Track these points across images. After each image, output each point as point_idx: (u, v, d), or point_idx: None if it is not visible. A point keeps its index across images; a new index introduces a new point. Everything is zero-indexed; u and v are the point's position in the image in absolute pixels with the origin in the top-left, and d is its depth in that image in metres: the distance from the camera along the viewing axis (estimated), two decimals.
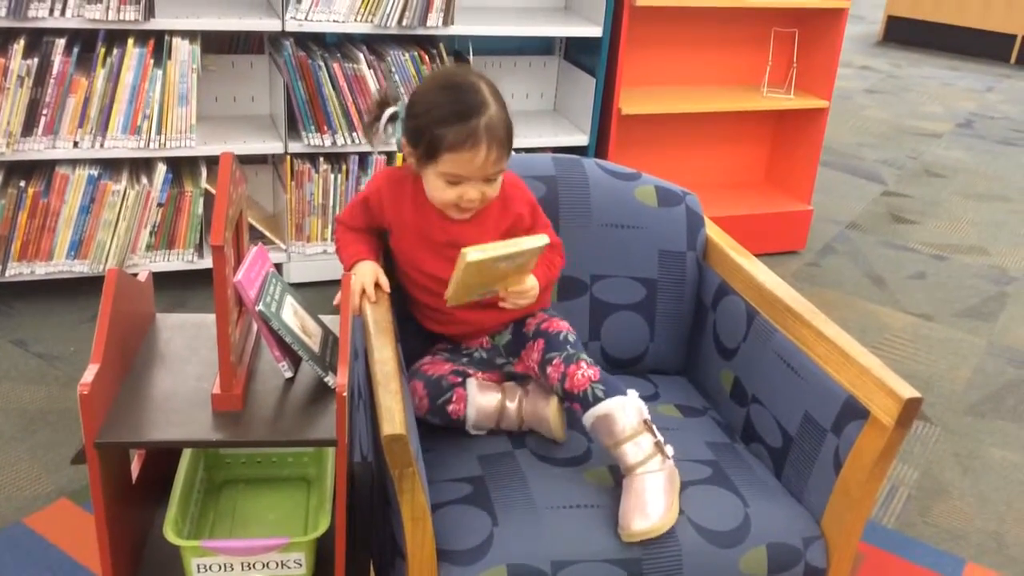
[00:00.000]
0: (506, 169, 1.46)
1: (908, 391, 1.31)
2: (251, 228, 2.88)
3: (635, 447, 1.36)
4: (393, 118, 1.48)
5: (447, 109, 1.38)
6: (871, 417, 1.36)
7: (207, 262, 2.77)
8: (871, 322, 3.00)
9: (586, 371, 1.42)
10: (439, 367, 1.52)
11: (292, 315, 1.29)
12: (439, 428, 1.51)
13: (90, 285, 2.68)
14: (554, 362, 1.45)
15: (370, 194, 1.53)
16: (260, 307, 1.22)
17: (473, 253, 1.32)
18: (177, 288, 2.75)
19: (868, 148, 4.81)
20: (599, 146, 3.08)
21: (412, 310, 1.61)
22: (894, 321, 3.03)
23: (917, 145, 4.94)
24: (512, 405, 1.49)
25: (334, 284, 2.83)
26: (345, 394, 1.17)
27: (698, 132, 3.42)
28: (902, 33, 7.41)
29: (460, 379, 1.50)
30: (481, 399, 1.48)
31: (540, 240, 1.41)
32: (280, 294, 1.29)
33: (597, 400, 1.39)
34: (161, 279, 1.37)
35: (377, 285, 1.47)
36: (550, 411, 1.47)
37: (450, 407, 1.46)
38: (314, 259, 2.88)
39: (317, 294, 2.82)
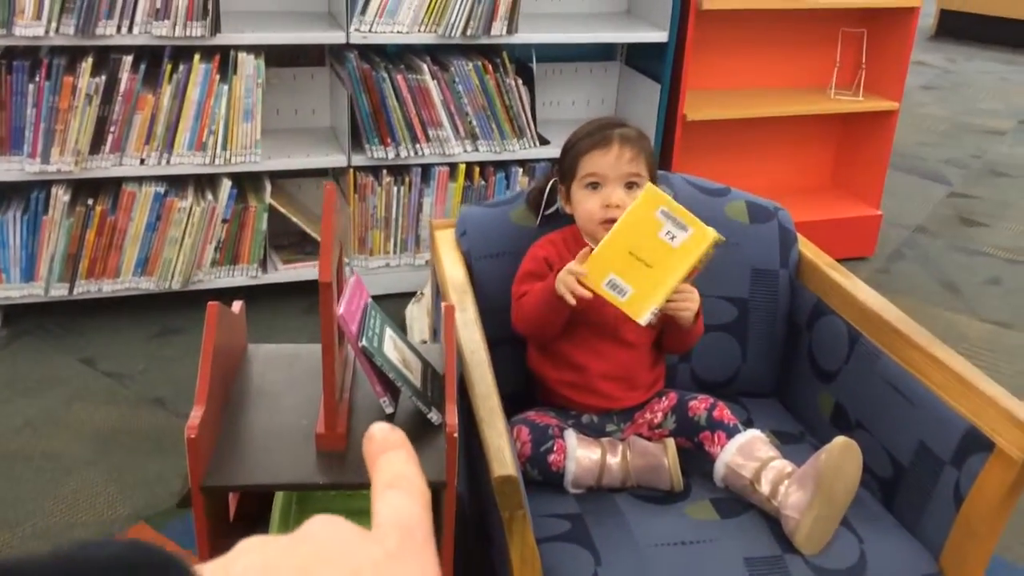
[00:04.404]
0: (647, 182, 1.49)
1: None
2: (313, 241, 2.86)
3: (781, 461, 1.40)
4: (554, 187, 1.59)
5: (586, 132, 1.52)
6: (996, 449, 1.29)
7: (270, 276, 2.74)
8: (948, 331, 2.90)
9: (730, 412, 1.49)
10: (545, 418, 1.48)
11: (392, 348, 1.25)
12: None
13: (156, 302, 2.67)
14: (699, 397, 1.50)
15: (535, 262, 1.55)
16: (363, 343, 1.18)
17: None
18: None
19: (930, 147, 4.68)
20: (663, 153, 3.02)
21: (552, 382, 1.56)
22: (971, 330, 2.93)
23: (980, 143, 4.80)
24: (615, 460, 1.43)
25: (397, 297, 2.82)
26: (456, 435, 1.12)
27: (763, 136, 3.33)
28: (955, 27, 7.23)
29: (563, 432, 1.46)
30: (581, 452, 1.42)
31: (713, 233, 1.40)
32: (380, 327, 1.25)
33: (739, 430, 1.45)
34: (224, 295, 1.35)
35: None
36: (668, 456, 1.41)
37: (551, 457, 1.41)
38: (377, 272, 2.85)
39: (381, 307, 2.78)
